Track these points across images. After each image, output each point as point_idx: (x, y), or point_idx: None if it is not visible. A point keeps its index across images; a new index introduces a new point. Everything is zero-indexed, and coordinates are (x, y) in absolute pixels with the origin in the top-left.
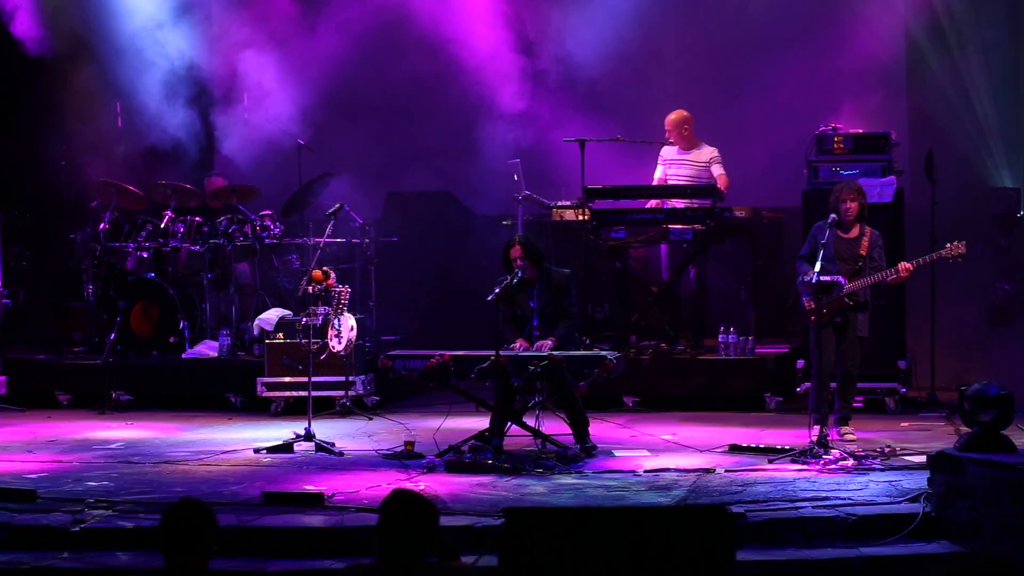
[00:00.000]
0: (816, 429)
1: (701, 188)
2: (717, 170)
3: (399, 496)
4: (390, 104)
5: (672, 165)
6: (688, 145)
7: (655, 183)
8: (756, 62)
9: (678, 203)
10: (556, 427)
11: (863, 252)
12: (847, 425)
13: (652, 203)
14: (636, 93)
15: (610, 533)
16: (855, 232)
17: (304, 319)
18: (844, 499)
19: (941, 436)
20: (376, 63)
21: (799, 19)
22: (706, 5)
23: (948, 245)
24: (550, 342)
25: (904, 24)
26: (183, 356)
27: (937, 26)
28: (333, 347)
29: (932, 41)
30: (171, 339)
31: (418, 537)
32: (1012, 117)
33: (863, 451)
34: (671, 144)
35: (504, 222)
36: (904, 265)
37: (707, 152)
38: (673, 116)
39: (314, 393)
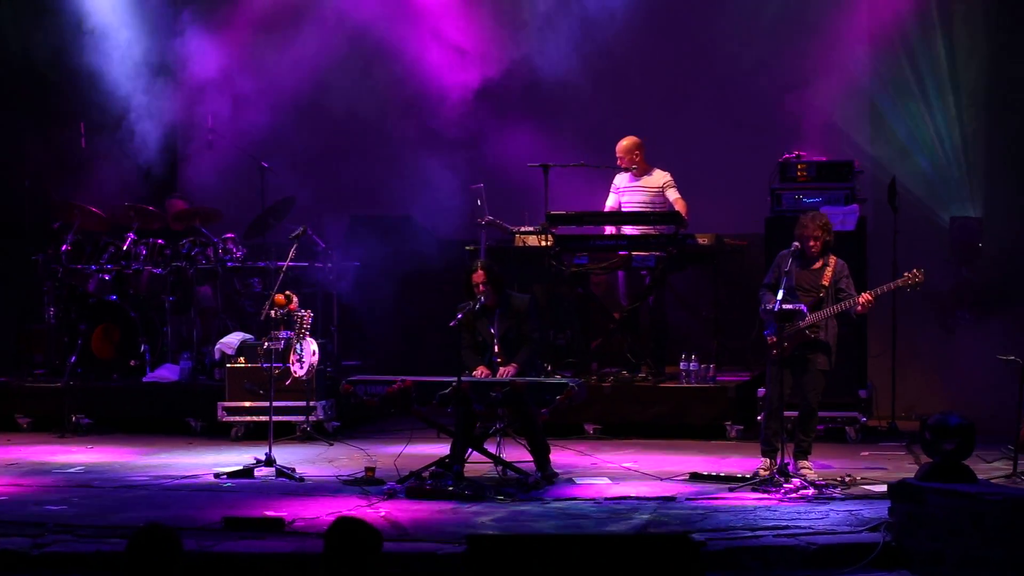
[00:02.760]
0: (766, 462)
1: (665, 215)
2: (672, 194)
3: (343, 523)
4: (354, 128)
5: (625, 192)
6: (640, 171)
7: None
8: (719, 88)
9: (633, 230)
10: (517, 454)
11: (825, 283)
12: (806, 460)
13: (610, 230)
14: (599, 117)
15: (573, 561)
16: (819, 264)
17: (266, 343)
18: (805, 528)
19: (901, 465)
20: (339, 88)
21: (763, 45)
22: (669, 30)
23: (906, 274)
24: (512, 368)
25: (869, 51)
26: (144, 380)
27: (902, 53)
28: (295, 372)
29: (896, 69)
30: (132, 362)
31: (361, 564)
32: (975, 146)
33: (823, 480)
34: (623, 171)
35: (467, 247)
36: (865, 297)
37: (659, 177)
38: (624, 143)
39: (275, 418)
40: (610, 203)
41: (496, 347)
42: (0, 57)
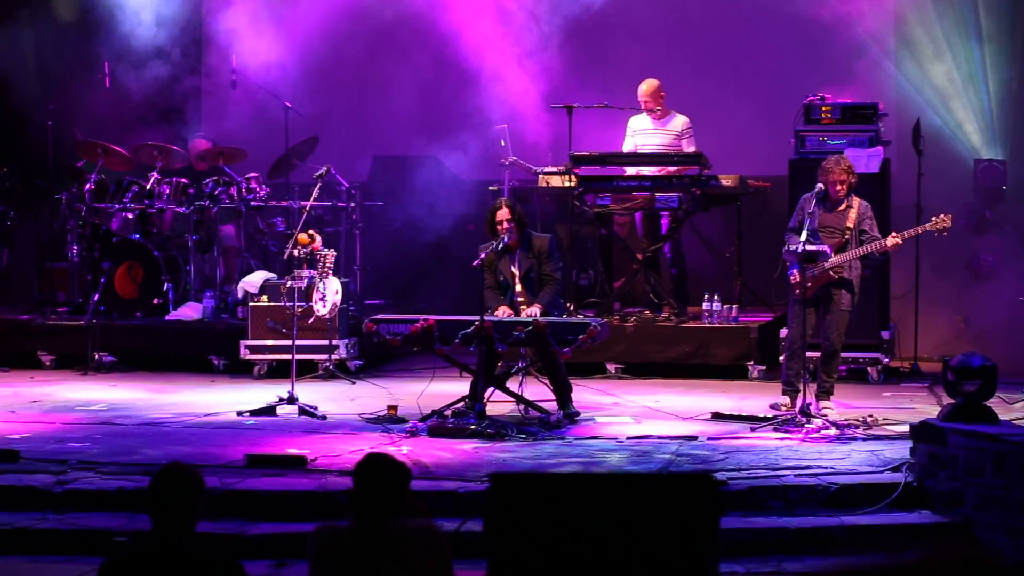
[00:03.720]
0: (787, 400)
1: (688, 156)
2: (688, 146)
3: (371, 460)
4: (376, 68)
5: (644, 135)
6: (662, 114)
7: None
8: (744, 29)
9: (655, 171)
10: (540, 393)
11: (850, 225)
12: (828, 400)
13: (630, 171)
14: (622, 57)
15: (595, 499)
16: (843, 206)
17: (289, 282)
18: (826, 468)
19: (924, 406)
20: (363, 27)
21: None
22: None
23: (934, 219)
24: (537, 308)
25: None
26: (166, 318)
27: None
28: (317, 311)
29: (920, 10)
30: (155, 301)
31: (389, 500)
32: (999, 89)
33: (845, 420)
34: (640, 113)
35: (490, 187)
36: (893, 239)
37: (680, 122)
38: (649, 86)
39: (297, 357)
40: (627, 147)
41: (518, 287)
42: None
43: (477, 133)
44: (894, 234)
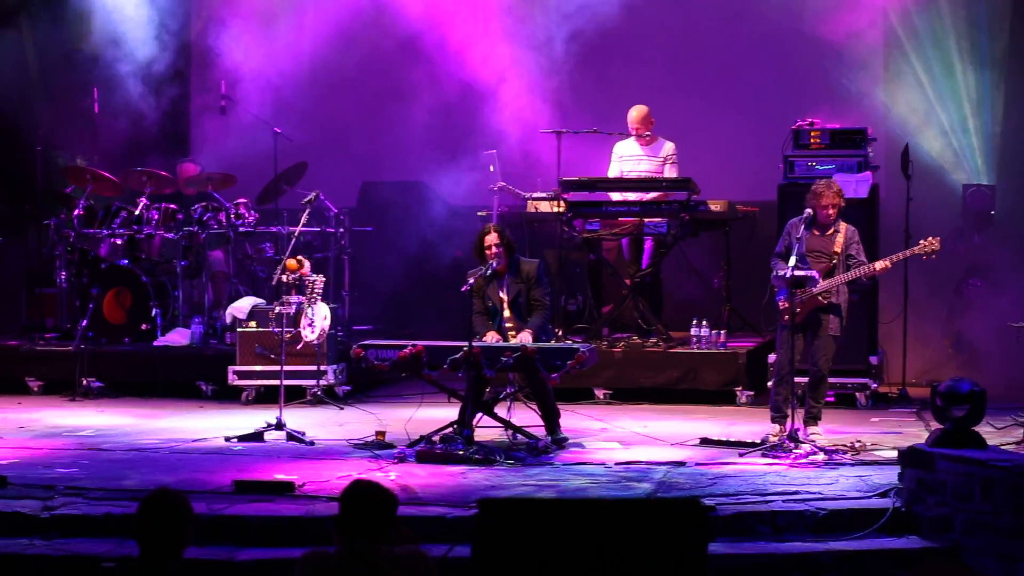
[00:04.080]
0: (776, 428)
1: (677, 181)
2: (671, 172)
3: (358, 486)
4: (366, 94)
5: (631, 160)
6: (650, 140)
7: None
8: (733, 54)
9: (639, 197)
10: (528, 418)
11: (837, 250)
12: (816, 425)
13: (615, 197)
14: (611, 83)
15: (583, 525)
16: (830, 231)
17: (277, 308)
18: (814, 493)
19: (912, 432)
20: (353, 53)
21: (777, 9)
22: None
23: (922, 242)
24: (528, 335)
25: (883, 17)
26: (155, 344)
27: (915, 19)
28: (306, 336)
29: (910, 35)
30: (143, 326)
31: (376, 526)
32: (989, 115)
33: (833, 446)
34: (626, 139)
35: (479, 213)
36: (882, 264)
37: (666, 148)
38: (638, 112)
39: (286, 382)
40: (612, 172)
41: (506, 312)
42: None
43: (466, 159)
44: (882, 259)
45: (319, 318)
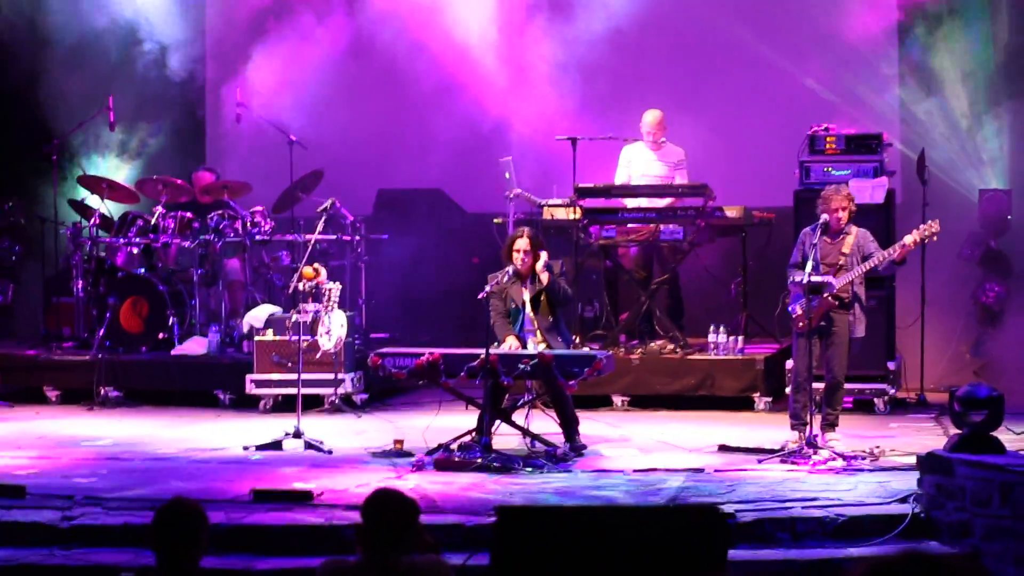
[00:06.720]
0: (796, 435)
1: (693, 187)
2: (680, 178)
3: (381, 495)
4: (382, 102)
5: (643, 164)
6: (660, 145)
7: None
8: (748, 59)
9: (656, 203)
10: (546, 426)
11: (846, 251)
12: (834, 431)
13: (628, 203)
14: (626, 88)
15: (602, 532)
16: (840, 236)
17: (294, 316)
18: (833, 500)
19: (930, 437)
20: (369, 61)
21: (792, 15)
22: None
23: (922, 226)
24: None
25: (898, 22)
26: (172, 353)
27: (931, 23)
28: (323, 345)
29: (925, 40)
30: (160, 335)
31: (399, 535)
32: (1005, 118)
33: (852, 452)
34: (638, 143)
35: (495, 220)
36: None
37: (676, 153)
38: (653, 116)
39: (303, 391)
40: (620, 177)
41: (528, 312)
42: (26, 32)
43: (482, 166)
44: (892, 246)
45: (336, 326)
